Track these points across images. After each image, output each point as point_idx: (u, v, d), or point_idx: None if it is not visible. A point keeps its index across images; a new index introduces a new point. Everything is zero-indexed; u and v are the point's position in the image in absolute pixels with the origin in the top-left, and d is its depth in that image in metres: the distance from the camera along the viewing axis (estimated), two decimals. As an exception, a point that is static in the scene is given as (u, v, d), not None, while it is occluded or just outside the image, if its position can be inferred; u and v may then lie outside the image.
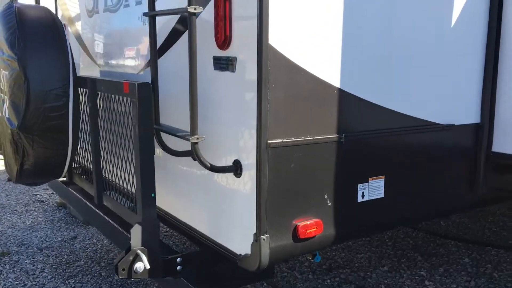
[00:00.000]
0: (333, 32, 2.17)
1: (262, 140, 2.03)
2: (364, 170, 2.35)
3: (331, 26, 2.16)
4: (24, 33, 2.52)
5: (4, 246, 4.58)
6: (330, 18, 2.16)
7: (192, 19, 2.00)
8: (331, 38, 2.17)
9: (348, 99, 2.24)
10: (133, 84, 2.19)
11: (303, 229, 2.17)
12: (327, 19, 2.15)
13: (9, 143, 2.61)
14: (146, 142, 2.22)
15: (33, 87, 2.47)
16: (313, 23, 2.12)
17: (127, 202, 2.58)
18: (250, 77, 2.07)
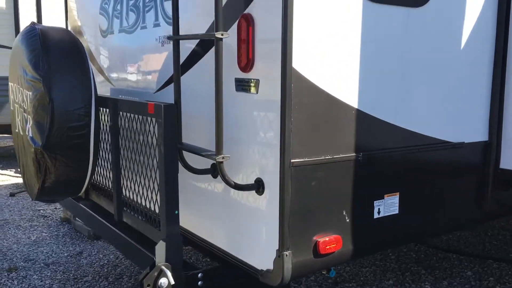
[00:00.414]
0: (352, 56, 2.28)
1: (285, 159, 2.12)
2: (380, 187, 2.44)
3: (350, 51, 2.27)
4: (48, 55, 2.59)
5: (11, 261, 4.59)
6: (349, 44, 2.26)
7: (219, 44, 2.09)
8: (350, 62, 2.28)
9: (365, 119, 2.34)
10: (159, 105, 2.27)
11: (324, 245, 2.25)
12: (346, 44, 2.25)
13: (32, 162, 2.67)
14: (171, 161, 2.29)
15: (57, 108, 2.54)
16: (333, 48, 2.22)
17: (147, 219, 2.63)
18: (273, 99, 2.16)
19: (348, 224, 2.35)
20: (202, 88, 2.61)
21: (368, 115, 2.36)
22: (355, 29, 2.27)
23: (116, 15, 3.36)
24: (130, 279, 4.24)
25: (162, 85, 2.92)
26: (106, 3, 3.47)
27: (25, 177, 2.98)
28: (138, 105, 2.52)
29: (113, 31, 3.43)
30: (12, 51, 3.00)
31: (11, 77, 3.04)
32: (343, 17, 2.24)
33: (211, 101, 2.51)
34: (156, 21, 2.91)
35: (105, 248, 4.91)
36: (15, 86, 2.95)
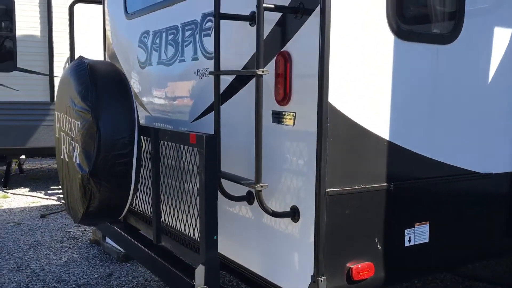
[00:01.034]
0: (383, 91, 2.41)
1: (321, 188, 2.23)
2: (410, 216, 2.54)
3: (382, 86, 2.40)
4: (96, 87, 2.78)
5: (44, 282, 4.74)
6: (381, 79, 2.40)
7: (260, 80, 2.24)
8: (382, 96, 2.41)
9: (396, 150, 2.46)
10: (200, 135, 2.42)
11: (357, 272, 2.34)
12: (378, 80, 2.39)
13: (78, 187, 2.83)
14: (211, 189, 2.42)
15: (104, 137, 2.71)
16: (366, 83, 2.36)
17: (185, 244, 2.76)
18: (309, 131, 2.29)
19: (380, 252, 2.43)
20: (238, 119, 2.76)
21: (399, 146, 2.47)
22: (387, 65, 2.41)
23: (155, 48, 3.56)
24: (159, 301, 4.34)
25: (199, 115, 3.08)
26: (145, 37, 3.68)
27: (68, 201, 3.15)
28: (179, 135, 2.67)
29: (152, 63, 3.62)
30: (60, 83, 3.20)
31: (58, 107, 3.24)
32: (376, 55, 2.38)
33: (246, 131, 2.66)
34: (195, 55, 3.09)
35: (134, 271, 5.03)
36: (62, 116, 3.14)
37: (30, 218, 7.00)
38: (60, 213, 7.26)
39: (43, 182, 9.47)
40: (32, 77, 8.05)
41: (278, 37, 2.44)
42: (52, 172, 10.66)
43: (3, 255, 5.44)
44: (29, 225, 6.62)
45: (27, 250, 5.61)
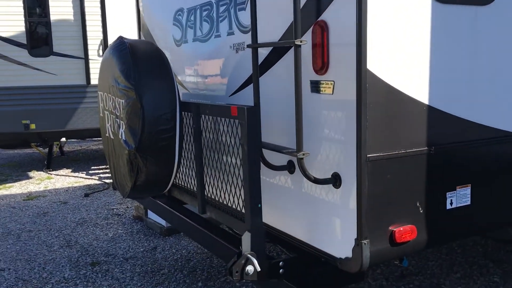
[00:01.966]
0: (422, 55, 2.41)
1: (362, 154, 2.28)
2: (452, 179, 2.56)
3: (420, 50, 2.40)
4: (138, 66, 2.87)
5: (93, 256, 4.98)
6: (420, 43, 2.40)
7: (298, 51, 2.28)
8: (420, 61, 2.41)
9: (436, 114, 2.47)
10: (241, 108, 2.49)
11: (399, 234, 2.39)
12: (416, 44, 2.39)
13: (125, 163, 2.96)
14: (254, 159, 2.50)
15: (147, 113, 2.81)
16: (405, 48, 2.36)
17: (230, 213, 2.87)
18: (348, 98, 2.33)
19: (422, 215, 2.47)
20: (276, 91, 2.81)
21: (439, 110, 2.48)
22: (424, 29, 2.40)
23: (189, 25, 3.62)
24: (203, 272, 4.51)
25: (236, 89, 3.15)
26: (180, 15, 3.75)
27: (116, 177, 3.29)
28: (220, 108, 2.75)
29: (187, 40, 3.69)
30: (102, 63, 3.32)
31: (101, 87, 3.36)
32: (413, 19, 2.37)
33: (285, 102, 2.72)
34: (230, 30, 3.14)
35: (177, 244, 5.23)
36: (105, 95, 3.26)
37: (75, 197, 7.30)
38: (102, 191, 7.54)
39: (84, 163, 9.81)
40: (68, 61, 8.27)
41: (314, 7, 2.46)
42: (91, 154, 11.02)
43: (52, 233, 5.73)
44: (74, 204, 6.91)
45: (75, 227, 5.89)
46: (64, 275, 4.55)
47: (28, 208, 6.78)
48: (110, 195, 7.32)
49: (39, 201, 7.12)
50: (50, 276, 4.54)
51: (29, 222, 6.16)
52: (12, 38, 8.03)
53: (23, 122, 8.06)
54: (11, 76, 8.05)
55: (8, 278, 4.51)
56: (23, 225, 6.03)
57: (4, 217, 6.40)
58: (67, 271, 4.62)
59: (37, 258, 4.98)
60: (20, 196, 7.45)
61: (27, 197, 7.40)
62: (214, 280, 4.32)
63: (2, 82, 8.02)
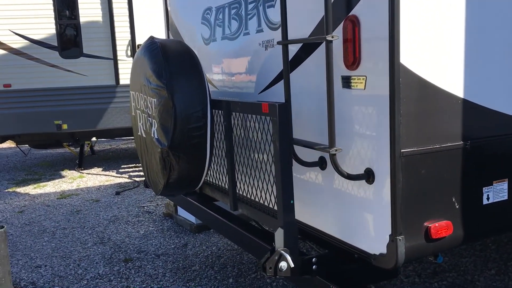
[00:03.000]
0: (456, 48, 2.37)
1: (396, 149, 2.26)
2: (488, 174, 2.51)
3: (454, 43, 2.36)
4: (169, 65, 2.91)
5: (126, 253, 5.07)
6: (454, 36, 2.36)
7: (330, 46, 2.27)
8: (455, 54, 2.37)
9: (471, 108, 2.42)
10: (273, 104, 2.50)
11: (435, 230, 2.36)
12: (451, 36, 2.35)
13: (158, 160, 3.01)
14: (286, 155, 2.51)
15: (179, 112, 2.85)
16: (438, 41, 2.33)
17: (262, 209, 2.88)
18: (380, 93, 2.30)
19: (458, 210, 2.44)
20: (306, 87, 2.80)
21: (474, 103, 2.43)
22: (459, 21, 2.36)
23: (218, 24, 3.65)
24: (234, 268, 4.55)
25: (267, 86, 3.16)
26: (208, 14, 3.78)
27: (148, 175, 3.35)
28: (251, 106, 2.76)
29: (216, 39, 3.72)
30: (134, 64, 3.37)
31: (133, 87, 3.42)
32: (448, 10, 2.33)
33: (316, 98, 2.71)
34: (259, 27, 3.14)
35: (207, 241, 5.28)
36: (137, 94, 3.32)
37: (106, 195, 7.44)
38: (132, 189, 7.67)
39: (114, 162, 9.99)
40: (97, 62, 8.43)
41: (345, 2, 2.45)
42: (121, 152, 11.21)
43: (86, 230, 5.86)
44: (106, 202, 7.05)
45: (107, 225, 6.01)
46: (98, 271, 4.66)
47: (62, 206, 6.95)
48: (140, 193, 7.44)
49: (72, 199, 7.30)
50: (85, 272, 4.65)
51: (63, 220, 6.32)
52: (43, 40, 8.23)
53: (56, 122, 8.26)
54: (43, 78, 8.25)
55: (44, 275, 4.64)
56: (58, 223, 6.19)
57: (39, 215, 6.58)
58: (101, 268, 4.73)
59: (72, 255, 5.11)
60: (53, 195, 7.64)
61: (61, 195, 7.59)
62: (244, 276, 4.35)
63: (35, 83, 8.23)
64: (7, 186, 8.32)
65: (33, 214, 6.62)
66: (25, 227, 6.07)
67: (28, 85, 8.18)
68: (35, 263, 4.94)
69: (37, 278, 4.57)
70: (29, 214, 6.63)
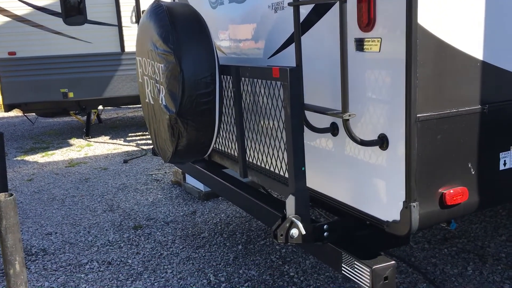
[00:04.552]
0: (476, 8, 2.26)
1: (411, 114, 2.18)
2: (506, 138, 2.44)
3: (474, 3, 2.25)
4: (176, 29, 2.82)
5: (135, 220, 5.10)
6: (474, -6, 2.24)
7: (344, 7, 2.17)
8: (474, 14, 2.26)
9: (490, 71, 2.33)
10: (284, 69, 2.42)
11: (450, 196, 2.31)
12: (471, -5, 2.24)
13: (166, 127, 2.96)
14: (297, 121, 2.44)
15: (187, 77, 2.78)
16: (457, 1, 2.21)
17: (272, 176, 2.84)
18: (397, 56, 2.21)
19: (474, 176, 2.38)
20: (317, 51, 2.71)
21: (494, 66, 2.34)
22: (479, -20, 2.24)
23: (225, -14, 3.52)
24: (243, 235, 4.56)
25: (276, 51, 3.06)
26: (215, -25, 3.65)
27: (157, 142, 3.30)
28: (261, 70, 2.68)
29: (223, 2, 3.60)
30: (139, 28, 3.28)
31: (139, 52, 3.33)
32: (467, -32, 2.21)
33: (327, 62, 2.62)
34: (269, -12, 3.02)
35: (216, 208, 5.29)
36: (144, 60, 3.24)
37: (114, 163, 7.45)
38: (140, 158, 7.67)
39: (121, 130, 9.98)
40: (102, 28, 8.30)
41: (359, -40, 2.33)
42: (128, 120, 11.19)
43: (95, 198, 5.89)
44: (114, 170, 7.06)
45: (116, 193, 6.03)
46: (108, 238, 4.69)
47: (70, 175, 6.97)
48: (148, 161, 7.44)
49: (81, 168, 7.32)
50: (95, 239, 4.69)
51: (72, 188, 6.35)
52: (47, 7, 8.08)
53: (62, 90, 8.21)
54: (47, 45, 8.15)
55: (55, 242, 4.69)
56: (67, 191, 6.23)
57: (48, 183, 6.61)
58: (111, 235, 4.76)
59: (82, 222, 5.15)
60: (62, 163, 7.67)
61: (69, 163, 7.61)
62: (254, 243, 4.37)
63: (39, 51, 8.14)
64: (16, 155, 8.35)
65: (42, 182, 6.65)
66: (34, 195, 6.11)
67: (32, 53, 8.10)
68: (46, 230, 4.99)
69: (48, 245, 4.62)
70: (38, 182, 6.66)
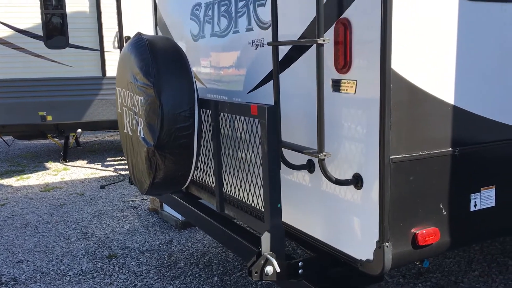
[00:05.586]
0: (448, 54, 2.35)
1: (385, 155, 2.24)
2: (476, 180, 2.51)
3: (446, 49, 2.34)
4: (157, 63, 2.85)
5: (110, 249, 5.02)
6: (446, 42, 2.34)
7: (321, 49, 2.23)
8: (446, 60, 2.35)
9: (461, 115, 2.41)
10: (262, 107, 2.46)
11: (422, 237, 2.35)
12: (442, 43, 2.33)
13: (144, 159, 2.95)
14: (274, 158, 2.47)
15: (166, 111, 2.80)
16: (430, 47, 2.30)
17: (249, 212, 2.84)
18: (371, 98, 2.28)
19: (445, 217, 2.43)
20: (296, 88, 2.77)
21: (464, 110, 2.42)
22: (451, 27, 2.34)
23: (207, 20, 3.58)
24: (219, 266, 4.52)
25: (256, 86, 3.11)
26: (197, 9, 3.71)
27: (134, 173, 3.29)
28: (240, 107, 2.72)
29: (205, 35, 3.66)
30: (120, 59, 3.30)
31: (119, 83, 3.35)
32: (440, 17, 2.31)
33: (305, 100, 2.68)
34: (249, 25, 3.09)
35: (192, 237, 5.24)
36: (123, 91, 3.25)
37: (91, 189, 7.35)
38: (118, 183, 7.59)
39: (99, 154, 9.88)
40: (83, 52, 8.29)
41: (337, 4, 2.41)
42: (107, 144, 11.09)
43: (69, 224, 5.78)
44: (90, 196, 6.96)
45: (91, 219, 5.94)
46: (81, 267, 4.59)
47: (45, 200, 6.85)
48: (125, 187, 7.36)
49: (56, 193, 7.19)
50: (67, 268, 4.59)
51: (46, 213, 6.23)
52: (29, 30, 8.06)
53: (40, 113, 8.12)
54: (28, 68, 8.10)
55: (26, 270, 4.57)
56: (41, 217, 6.10)
57: (22, 208, 6.47)
58: (84, 264, 4.67)
59: (55, 250, 5.03)
60: (37, 188, 7.53)
61: (44, 188, 7.47)
62: (230, 274, 4.33)
63: (19, 74, 8.07)
64: (-10, 178, 8.17)
65: (15, 207, 6.51)
66: (7, 221, 5.97)
67: (12, 75, 8.02)
68: (17, 258, 4.86)
69: (19, 274, 4.50)
70: (11, 207, 6.52)
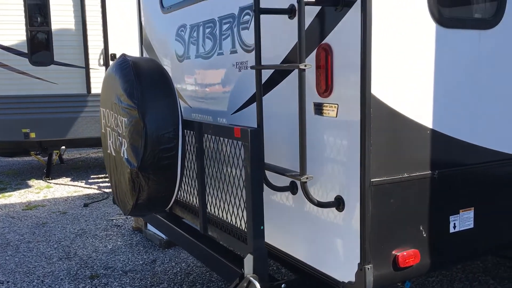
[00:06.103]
0: (426, 79, 2.42)
1: (365, 178, 2.27)
2: (455, 202, 2.56)
3: (424, 75, 2.41)
4: (141, 85, 2.87)
5: (92, 269, 4.95)
6: (423, 68, 2.40)
7: (302, 75, 2.28)
8: (424, 85, 2.41)
9: (440, 138, 2.47)
10: (245, 129, 2.48)
11: (403, 259, 2.38)
12: (420, 68, 2.39)
13: (127, 180, 2.95)
14: (257, 181, 2.49)
15: (150, 133, 2.81)
16: (408, 72, 2.37)
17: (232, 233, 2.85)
18: (352, 122, 2.32)
19: (425, 239, 2.47)
20: (279, 110, 2.80)
21: (443, 134, 2.48)
22: (429, 53, 2.40)
23: (192, 41, 3.62)
24: (203, 286, 4.49)
25: (240, 107, 3.15)
26: (182, 31, 3.75)
27: (117, 194, 3.28)
28: (223, 129, 2.74)
29: (189, 57, 3.69)
30: (104, 81, 3.31)
31: (103, 103, 3.35)
32: (418, 43, 2.37)
33: (287, 123, 2.71)
34: (233, 48, 3.14)
35: (176, 257, 5.20)
36: (107, 112, 3.25)
37: (74, 207, 7.27)
38: (101, 201, 7.52)
39: (83, 172, 9.78)
40: (68, 70, 8.27)
41: (318, 30, 2.46)
42: (91, 161, 10.99)
43: (51, 244, 5.70)
44: (73, 214, 6.88)
45: (74, 239, 5.86)
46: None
47: (27, 218, 6.75)
48: (109, 205, 7.29)
49: (38, 211, 7.09)
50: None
51: (28, 232, 6.13)
52: (13, 47, 8.02)
53: (23, 130, 8.04)
54: (11, 85, 8.04)
55: (6, 292, 4.49)
56: (22, 236, 6.00)
57: (3, 227, 6.37)
58: (66, 285, 4.60)
59: (36, 270, 4.95)
60: (19, 206, 7.42)
61: (26, 206, 7.37)
62: (214, 295, 4.30)
63: (3, 90, 8.01)
64: (-30, 196, 8.04)
65: (-4, 226, 6.40)
66: (-13, 240, 5.86)
67: (-5, 92, 7.97)
68: (-3, 279, 4.77)
69: (-2, 296, 4.41)
70: (-8, 226, 6.41)
